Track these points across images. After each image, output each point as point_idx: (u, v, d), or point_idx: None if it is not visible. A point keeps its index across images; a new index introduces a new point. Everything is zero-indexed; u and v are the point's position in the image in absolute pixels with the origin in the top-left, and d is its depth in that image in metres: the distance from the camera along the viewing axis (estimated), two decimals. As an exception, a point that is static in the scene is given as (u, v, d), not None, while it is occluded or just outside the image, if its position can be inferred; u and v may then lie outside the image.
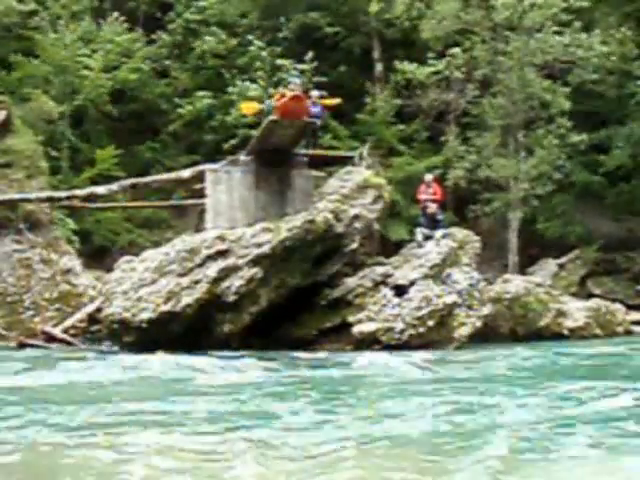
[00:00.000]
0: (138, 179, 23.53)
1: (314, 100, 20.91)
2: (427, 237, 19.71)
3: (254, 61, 29.88)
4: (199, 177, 21.32)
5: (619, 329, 21.19)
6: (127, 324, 17.10)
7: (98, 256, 24.64)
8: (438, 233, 19.69)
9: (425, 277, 18.27)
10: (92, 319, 18.85)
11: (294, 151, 20.56)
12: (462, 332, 17.75)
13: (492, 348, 17.15)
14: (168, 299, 16.97)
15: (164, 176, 24.25)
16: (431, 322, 17.36)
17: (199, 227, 21.20)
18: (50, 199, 22.01)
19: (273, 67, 29.30)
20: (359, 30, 31.70)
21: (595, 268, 27.92)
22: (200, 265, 17.40)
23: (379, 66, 31.45)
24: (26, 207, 21.24)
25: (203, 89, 30.24)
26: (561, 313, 20.62)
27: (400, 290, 18.07)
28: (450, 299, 17.80)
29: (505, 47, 27.30)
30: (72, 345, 17.85)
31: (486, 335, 18.34)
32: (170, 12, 32.46)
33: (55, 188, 23.59)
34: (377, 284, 18.35)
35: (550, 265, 27.18)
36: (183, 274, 17.31)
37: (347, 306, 18.12)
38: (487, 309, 18.64)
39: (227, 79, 29.85)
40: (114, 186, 22.68)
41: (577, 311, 20.94)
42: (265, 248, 17.49)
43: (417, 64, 28.33)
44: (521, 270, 26.04)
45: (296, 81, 21.54)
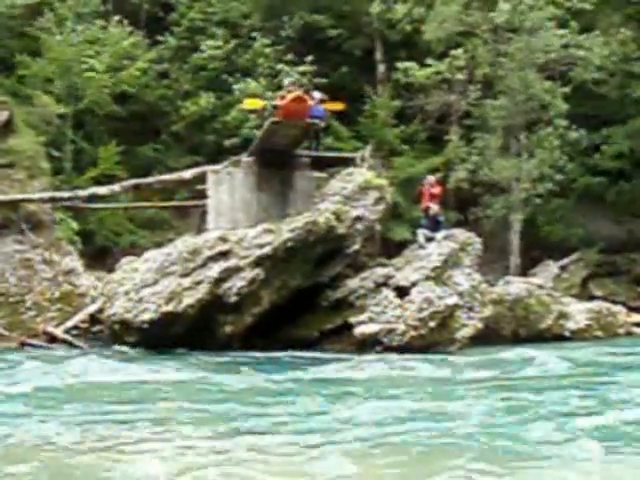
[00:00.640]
0: (140, 180, 23.55)
1: (316, 101, 20.92)
2: (429, 239, 19.72)
3: (257, 58, 29.88)
4: (201, 178, 21.35)
5: (620, 331, 21.21)
6: (129, 324, 17.12)
7: (100, 256, 24.64)
8: (440, 235, 19.70)
9: (427, 279, 18.26)
10: (94, 319, 18.85)
11: (296, 152, 20.57)
12: (463, 334, 17.76)
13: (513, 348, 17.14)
14: (170, 300, 16.99)
15: (166, 177, 24.28)
16: (432, 324, 17.35)
17: (201, 228, 21.22)
18: (52, 199, 22.03)
19: (275, 68, 29.29)
20: (361, 32, 31.70)
21: (596, 270, 27.91)
22: (202, 266, 17.41)
23: (381, 67, 31.44)
24: (28, 208, 21.25)
25: (205, 90, 30.26)
26: (563, 315, 20.63)
27: (402, 291, 18.07)
28: (452, 301, 17.80)
29: (506, 48, 27.29)
30: (73, 346, 17.83)
31: (487, 337, 18.33)
32: (173, 12, 32.48)
33: (57, 188, 23.59)
34: (379, 285, 18.36)
35: (552, 267, 27.17)
36: (185, 275, 17.33)
37: (349, 307, 18.13)
38: (488, 311, 18.64)
39: (229, 81, 29.86)
40: (116, 187, 22.72)
41: (579, 313, 20.96)
42: (267, 249, 17.50)
43: (419, 65, 28.31)
44: (523, 272, 26.02)
45: (290, 79, 21.57)
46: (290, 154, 20.37)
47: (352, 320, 17.68)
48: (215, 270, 17.26)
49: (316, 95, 21.54)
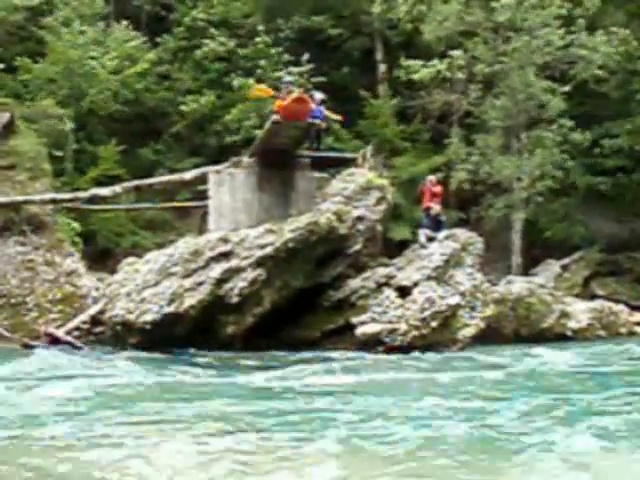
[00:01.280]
0: (141, 181, 23.55)
1: (318, 102, 20.91)
2: (430, 238, 19.72)
3: (259, 58, 29.89)
4: (202, 179, 21.35)
5: (622, 330, 21.17)
6: (130, 326, 17.13)
7: (101, 258, 24.63)
8: (441, 234, 19.69)
9: (428, 278, 18.26)
10: (95, 321, 18.83)
11: (297, 153, 20.57)
12: (465, 333, 17.75)
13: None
14: (171, 300, 16.99)
15: (167, 178, 24.30)
16: (434, 323, 17.35)
17: (202, 229, 21.23)
18: (53, 201, 22.04)
19: (277, 68, 29.31)
20: (362, 32, 31.72)
21: (598, 269, 27.87)
22: (203, 267, 17.41)
23: (382, 68, 31.47)
24: (30, 209, 21.26)
25: (207, 89, 30.29)
26: (564, 314, 20.61)
27: (403, 291, 18.07)
28: (453, 300, 17.79)
29: (507, 47, 27.27)
30: (76, 347, 17.83)
31: (489, 336, 18.33)
32: (174, 13, 32.50)
33: (59, 190, 23.59)
34: (380, 285, 18.35)
35: (553, 266, 27.14)
36: (186, 276, 17.33)
37: (350, 307, 18.13)
38: (490, 310, 18.63)
39: (230, 80, 29.88)
40: (117, 188, 22.72)
41: (580, 312, 20.93)
42: (268, 250, 17.50)
43: (418, 62, 28.26)
44: (524, 271, 26.01)
45: (288, 79, 21.56)
46: (291, 154, 20.37)
47: (354, 320, 17.67)
48: (217, 271, 17.26)
49: (317, 96, 21.53)
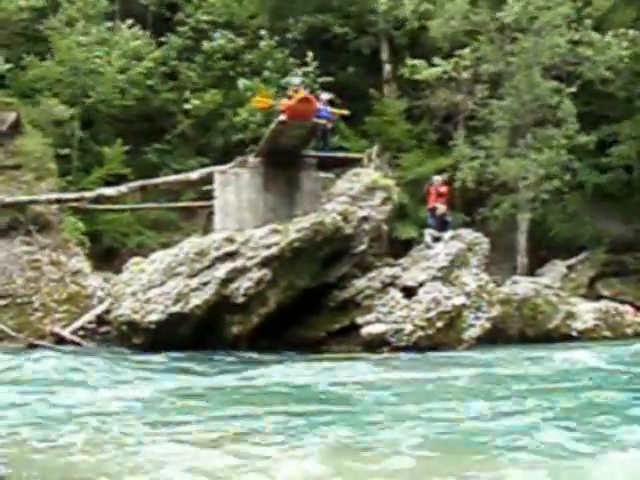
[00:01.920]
0: (147, 181, 23.57)
1: (324, 102, 20.91)
2: (436, 239, 19.71)
3: (265, 59, 29.89)
4: (208, 179, 21.36)
5: (628, 331, 21.14)
6: (136, 325, 17.15)
7: (107, 257, 24.64)
8: (447, 235, 19.68)
9: (434, 279, 18.27)
10: (101, 320, 18.87)
11: (303, 153, 20.57)
12: (471, 334, 17.76)
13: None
14: (177, 300, 17.01)
15: (173, 178, 24.31)
16: (440, 324, 17.36)
17: (208, 229, 21.24)
18: (59, 201, 22.07)
19: (283, 69, 29.32)
20: (367, 32, 31.71)
21: (604, 269, 27.81)
22: (209, 267, 17.42)
23: (387, 67, 31.45)
24: (35, 209, 21.30)
25: (212, 88, 30.31)
26: (570, 315, 20.60)
27: (409, 292, 18.07)
28: (459, 301, 17.79)
29: (513, 48, 27.23)
30: (81, 346, 17.86)
31: (495, 337, 18.32)
32: (179, 12, 32.51)
33: (64, 190, 23.62)
34: (386, 286, 18.36)
35: (559, 267, 27.08)
36: (192, 275, 17.34)
37: (356, 308, 18.13)
38: (496, 311, 18.62)
39: (236, 79, 29.88)
40: (123, 188, 22.75)
41: (586, 313, 20.91)
42: (274, 250, 17.51)
43: (424, 62, 28.23)
44: (530, 272, 25.95)
45: (295, 81, 21.57)
46: (297, 155, 20.37)
47: (359, 320, 17.68)
48: (222, 271, 17.28)
49: (323, 96, 21.54)
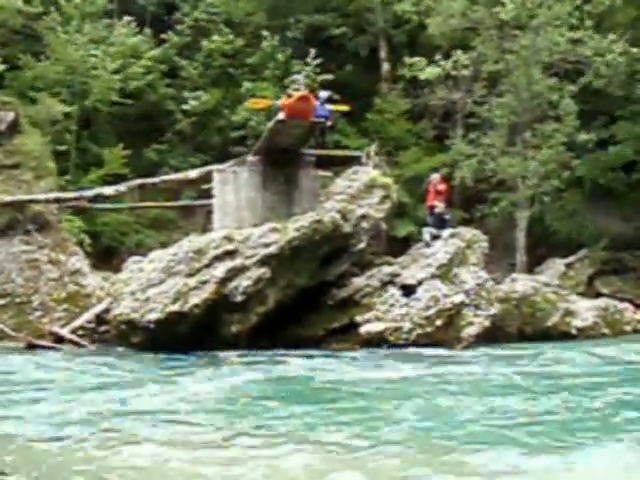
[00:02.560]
0: (146, 179, 23.57)
1: (323, 100, 20.89)
2: (435, 237, 19.71)
3: (267, 61, 29.90)
4: (206, 177, 21.35)
5: (627, 328, 21.12)
6: (135, 324, 17.13)
7: (106, 257, 24.66)
8: (445, 233, 19.67)
9: (433, 277, 18.26)
10: (100, 320, 18.86)
11: (301, 151, 20.56)
12: (470, 332, 17.73)
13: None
14: (176, 299, 16.98)
15: (172, 176, 24.31)
16: (439, 322, 17.35)
17: (206, 227, 21.23)
18: (58, 200, 22.06)
19: (283, 67, 29.34)
20: (366, 30, 31.72)
21: (603, 267, 27.83)
22: (208, 265, 17.40)
23: (386, 66, 31.48)
24: (34, 208, 21.29)
25: (211, 87, 30.31)
26: (569, 312, 20.56)
27: (408, 290, 18.06)
28: (458, 299, 17.78)
29: (512, 45, 27.21)
30: (80, 346, 17.86)
31: (494, 335, 18.30)
32: (177, 12, 32.52)
33: (63, 189, 23.61)
34: (385, 284, 18.35)
35: (558, 264, 27.10)
36: (191, 274, 17.32)
37: (355, 306, 18.12)
38: (495, 308, 18.61)
39: (236, 78, 29.89)
40: (122, 187, 22.73)
41: (585, 310, 20.88)
42: (272, 248, 17.49)
43: (423, 59, 28.21)
44: (529, 269, 25.99)
45: (299, 78, 21.56)
46: (295, 153, 20.36)
47: (358, 319, 17.67)
48: (221, 269, 17.26)
49: (322, 94, 21.52)
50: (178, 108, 30.31)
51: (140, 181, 23.31)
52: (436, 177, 21.45)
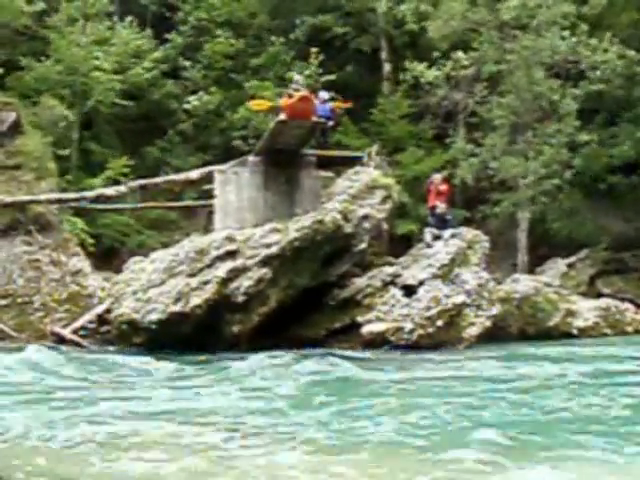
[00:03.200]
0: (147, 180, 23.58)
1: (323, 101, 20.91)
2: (436, 237, 19.71)
3: (271, 62, 29.93)
4: (208, 178, 21.36)
5: (629, 328, 21.11)
6: (136, 325, 17.15)
7: (107, 257, 24.67)
8: (447, 233, 19.68)
9: (434, 277, 18.25)
10: (101, 320, 18.88)
11: (302, 151, 20.57)
12: (471, 332, 17.73)
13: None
14: (177, 300, 17.00)
15: (173, 177, 24.31)
16: (440, 322, 17.33)
17: (208, 228, 21.24)
18: (59, 201, 22.07)
19: (288, 70, 29.37)
20: (367, 30, 31.73)
21: (604, 267, 27.81)
22: (209, 266, 17.42)
23: (387, 66, 31.49)
24: (35, 209, 21.30)
25: (214, 87, 30.33)
26: (570, 313, 20.57)
27: (409, 290, 18.06)
28: (459, 299, 17.77)
29: (513, 46, 27.20)
30: (82, 346, 17.87)
31: (495, 335, 18.30)
32: (179, 12, 32.53)
33: (64, 190, 23.63)
34: (386, 284, 18.35)
35: (559, 265, 27.09)
36: (192, 275, 17.34)
37: (356, 306, 18.13)
38: (496, 309, 18.60)
39: (238, 79, 29.91)
40: (123, 187, 22.75)
41: (587, 311, 20.88)
42: (274, 249, 17.50)
43: (425, 64, 28.23)
44: (530, 270, 25.97)
45: (298, 78, 21.57)
46: (297, 153, 20.37)
47: (360, 319, 17.68)
48: (222, 270, 17.27)
49: (323, 95, 21.53)
50: (180, 108, 30.31)
51: (141, 182, 23.33)
52: (437, 177, 21.44)
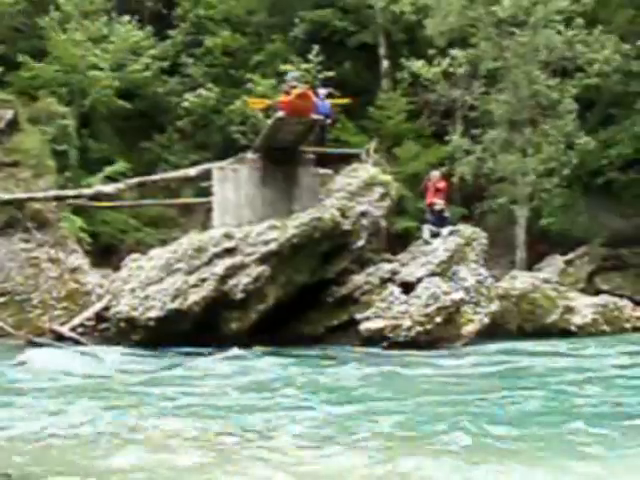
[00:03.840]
0: (145, 177, 23.55)
1: (322, 97, 20.90)
2: (434, 234, 19.73)
3: (272, 59, 29.89)
4: (206, 175, 21.35)
5: (627, 325, 21.14)
6: (134, 322, 17.15)
7: (106, 254, 24.62)
8: (445, 230, 19.69)
9: (432, 274, 18.28)
10: (100, 317, 18.86)
11: (301, 148, 20.56)
12: (469, 329, 17.77)
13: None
14: (175, 297, 17.00)
15: (171, 174, 24.30)
16: (438, 319, 17.35)
17: (206, 225, 21.23)
18: (57, 198, 22.04)
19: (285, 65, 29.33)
20: (365, 27, 31.70)
21: (602, 264, 27.81)
22: (207, 263, 17.42)
23: (385, 63, 31.45)
24: (33, 206, 21.26)
25: (213, 84, 30.29)
26: (569, 309, 20.59)
27: (407, 287, 18.08)
28: (457, 296, 17.79)
29: (510, 43, 27.18)
30: (80, 344, 17.86)
31: (493, 332, 18.33)
32: (177, 8, 32.46)
33: (63, 187, 23.59)
34: (384, 281, 18.37)
35: (557, 261, 27.09)
36: (190, 272, 17.34)
37: (354, 303, 18.15)
38: (494, 306, 18.63)
39: (237, 76, 29.87)
40: (121, 184, 22.73)
41: (585, 307, 20.90)
42: (272, 246, 17.51)
43: (423, 61, 28.21)
44: (528, 266, 25.98)
45: (294, 75, 21.53)
46: (295, 150, 20.36)
47: (358, 316, 17.69)
48: (221, 267, 17.28)
49: (322, 91, 21.52)
50: (179, 105, 30.25)
51: (140, 179, 23.31)
52: (436, 175, 21.46)
